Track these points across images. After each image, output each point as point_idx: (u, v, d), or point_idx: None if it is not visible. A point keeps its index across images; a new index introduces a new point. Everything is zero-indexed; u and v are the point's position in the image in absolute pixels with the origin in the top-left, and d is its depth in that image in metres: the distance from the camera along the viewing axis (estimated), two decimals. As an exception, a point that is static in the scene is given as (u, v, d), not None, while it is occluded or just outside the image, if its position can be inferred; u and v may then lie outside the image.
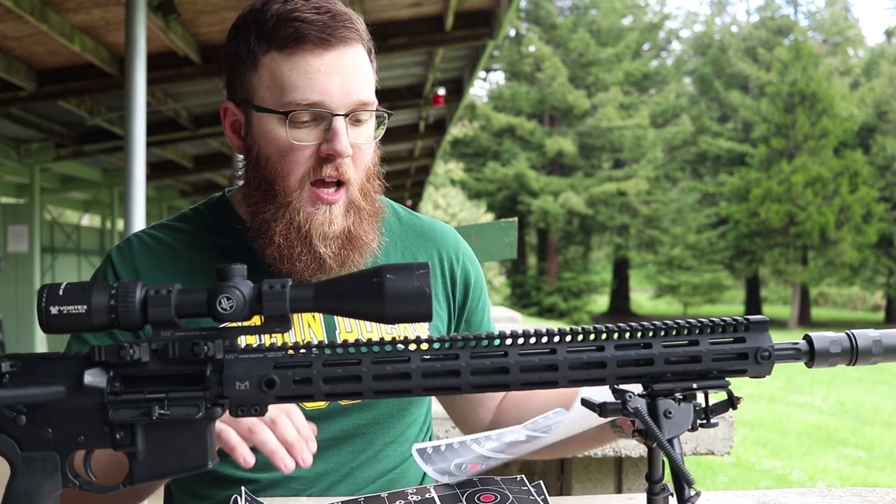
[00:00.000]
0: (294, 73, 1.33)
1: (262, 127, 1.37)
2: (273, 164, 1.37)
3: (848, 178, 31.40)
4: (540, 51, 35.34)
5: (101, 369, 0.99)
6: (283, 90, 1.33)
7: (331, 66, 1.33)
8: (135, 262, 1.45)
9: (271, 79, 1.35)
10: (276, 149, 1.36)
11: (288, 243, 1.37)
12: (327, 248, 1.37)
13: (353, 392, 0.99)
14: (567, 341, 1.01)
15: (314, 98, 1.32)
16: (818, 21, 40.58)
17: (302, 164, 1.35)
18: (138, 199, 4.87)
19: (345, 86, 1.34)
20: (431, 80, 10.18)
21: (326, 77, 1.33)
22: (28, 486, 1.00)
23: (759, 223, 32.20)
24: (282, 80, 1.33)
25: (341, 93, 1.33)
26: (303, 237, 1.37)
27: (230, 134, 1.45)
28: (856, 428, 9.97)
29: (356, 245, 1.40)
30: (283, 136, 1.34)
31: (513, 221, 3.02)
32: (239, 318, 0.96)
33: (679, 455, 1.00)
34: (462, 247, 1.64)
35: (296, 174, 1.36)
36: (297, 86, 1.33)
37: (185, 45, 6.71)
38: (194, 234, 1.49)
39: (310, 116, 1.34)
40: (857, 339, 1.05)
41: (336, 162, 1.35)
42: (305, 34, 1.32)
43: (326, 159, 1.35)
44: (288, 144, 1.34)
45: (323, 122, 1.35)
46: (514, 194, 36.02)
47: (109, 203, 14.81)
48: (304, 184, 1.36)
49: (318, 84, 1.32)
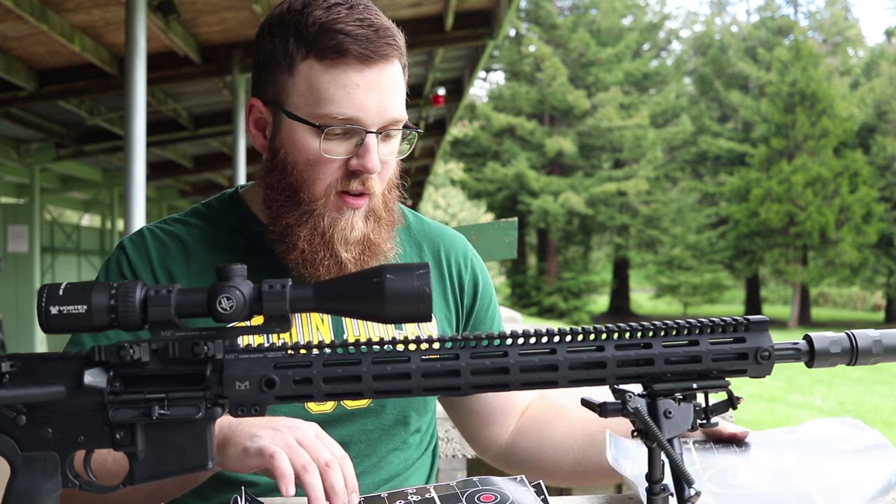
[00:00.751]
0: (333, 87, 1.31)
1: (293, 134, 1.36)
2: (300, 171, 1.36)
3: (848, 178, 31.40)
4: (540, 51, 35.34)
5: (101, 369, 0.99)
6: (319, 101, 1.32)
7: (370, 83, 1.32)
8: (149, 253, 1.44)
9: (308, 87, 1.33)
10: (304, 157, 1.35)
11: (312, 248, 1.36)
12: (349, 253, 1.37)
13: (353, 392, 0.99)
14: (567, 341, 1.01)
15: (350, 113, 1.31)
16: (818, 21, 40.58)
17: (330, 175, 1.35)
18: (138, 199, 4.87)
19: (381, 103, 1.33)
20: (431, 80, 10.18)
21: (365, 93, 1.31)
22: (28, 486, 1.00)
23: (759, 223, 32.20)
24: (319, 91, 1.32)
25: (378, 110, 1.33)
26: (326, 242, 1.36)
27: (254, 131, 1.43)
28: (856, 428, 9.96)
29: (374, 252, 1.39)
30: (315, 148, 1.33)
31: (513, 221, 3.02)
32: (239, 318, 0.96)
33: (679, 455, 1.00)
34: (471, 253, 1.63)
35: (322, 183, 1.35)
36: (334, 99, 1.31)
37: (185, 45, 6.71)
38: (207, 230, 1.48)
39: (342, 130, 1.33)
40: (857, 339, 1.05)
41: (363, 177, 1.35)
42: (348, 48, 1.30)
43: (355, 174, 1.35)
44: (318, 156, 1.34)
45: (355, 137, 1.34)
46: (514, 194, 36.01)
47: (109, 203, 14.81)
48: (329, 192, 1.36)
49: (356, 100, 1.31)
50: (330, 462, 1.15)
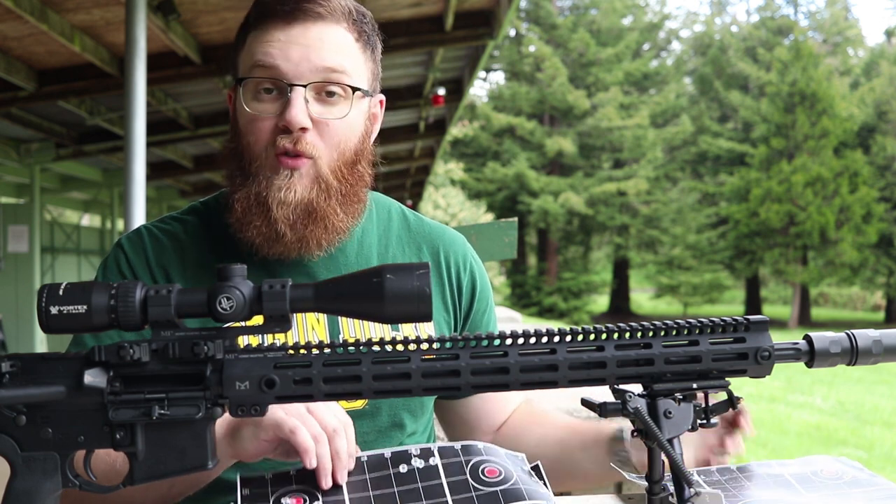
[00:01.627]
0: (257, 44, 1.36)
1: (237, 102, 1.41)
2: (242, 135, 1.39)
3: (848, 178, 31.39)
4: (540, 51, 35.34)
5: (101, 369, 0.99)
6: (249, 63, 1.37)
7: (292, 37, 1.34)
8: (146, 251, 1.45)
9: (248, 55, 1.38)
10: (243, 120, 1.39)
11: (248, 209, 1.37)
12: (282, 215, 1.35)
13: (353, 392, 0.99)
14: (567, 341, 1.01)
15: (269, 63, 1.34)
16: (818, 21, 40.57)
17: (265, 134, 1.36)
18: (138, 199, 4.87)
19: (306, 54, 1.34)
20: (431, 80, 10.18)
21: (286, 46, 1.34)
22: (28, 486, 1.00)
23: (759, 223, 32.20)
24: (250, 54, 1.37)
25: (299, 61, 1.34)
26: (261, 203, 1.36)
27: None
28: (856, 428, 9.97)
29: (316, 217, 1.37)
30: (245, 107, 1.37)
31: (513, 221, 3.02)
32: (239, 318, 0.96)
33: (679, 455, 1.00)
34: (470, 254, 1.62)
35: (259, 144, 1.37)
36: (257, 54, 1.35)
37: (185, 45, 6.71)
38: (203, 228, 1.49)
39: (271, 85, 1.36)
40: (857, 339, 1.05)
41: (294, 135, 1.35)
42: (273, 8, 1.36)
43: (284, 130, 1.35)
44: (249, 114, 1.37)
45: (283, 94, 1.36)
46: (514, 194, 36.01)
47: (109, 203, 14.81)
48: (267, 153, 1.37)
49: (276, 51, 1.34)
50: (337, 429, 1.18)
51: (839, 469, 1.31)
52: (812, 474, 1.30)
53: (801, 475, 1.30)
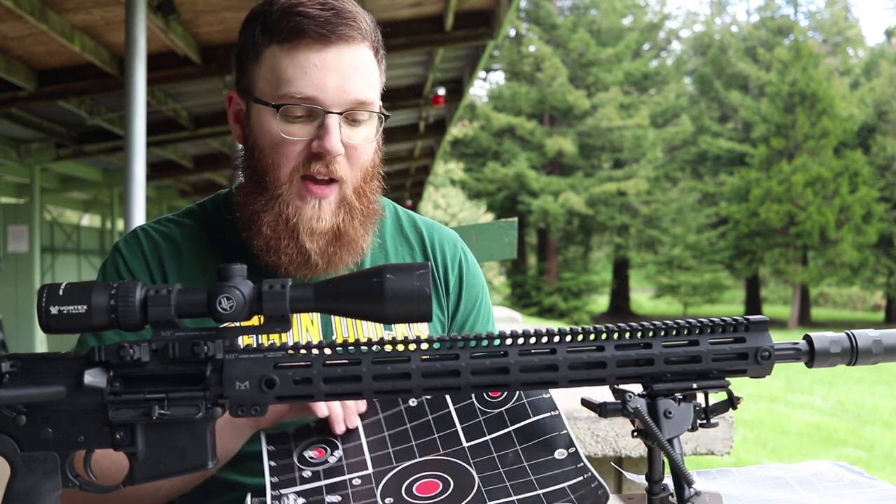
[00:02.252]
0: (291, 67, 1.32)
1: (259, 118, 1.37)
2: (265, 155, 1.37)
3: (848, 178, 31.38)
4: (540, 51, 35.32)
5: (101, 369, 0.99)
6: (279, 83, 1.33)
7: (329, 63, 1.32)
8: (144, 253, 1.45)
9: (270, 71, 1.34)
10: (268, 141, 1.36)
11: (275, 235, 1.36)
12: (314, 244, 1.36)
13: (353, 392, 0.99)
14: (567, 341, 1.01)
15: (308, 92, 1.32)
16: (818, 21, 40.57)
17: (293, 158, 1.35)
18: (138, 199, 4.87)
19: (342, 83, 1.33)
20: (431, 80, 10.18)
21: (323, 73, 1.32)
22: (28, 486, 1.00)
23: (759, 223, 32.19)
24: (279, 73, 1.33)
25: (337, 90, 1.32)
26: (290, 230, 1.36)
27: (233, 123, 1.45)
28: (856, 428, 9.96)
29: (344, 243, 1.38)
30: (276, 129, 1.34)
31: (513, 221, 3.02)
32: (239, 318, 0.96)
33: (679, 455, 1.00)
34: (461, 248, 1.62)
35: (286, 167, 1.35)
36: (292, 79, 1.32)
37: (185, 45, 6.71)
38: (199, 230, 1.49)
39: (304, 112, 1.33)
40: (857, 339, 1.05)
41: (326, 159, 1.34)
42: (305, 29, 1.31)
43: (317, 156, 1.34)
44: (279, 137, 1.34)
45: (317, 119, 1.34)
46: (514, 194, 36.00)
47: (109, 203, 14.81)
48: (294, 177, 1.36)
49: (313, 79, 1.32)
50: None
51: (839, 472, 1.31)
52: (812, 476, 1.30)
53: (802, 477, 1.30)
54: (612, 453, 2.17)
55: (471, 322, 1.60)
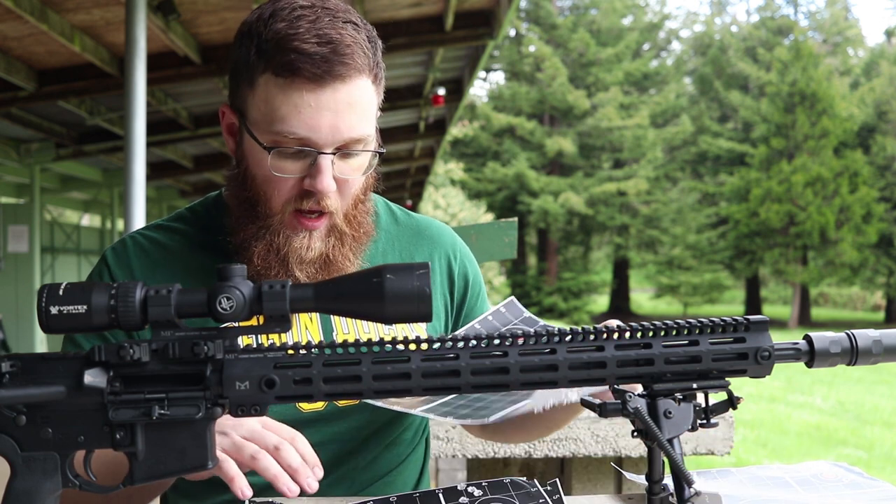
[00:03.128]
0: (285, 105, 1.29)
1: (251, 148, 1.35)
2: (258, 185, 1.36)
3: (848, 178, 31.38)
4: (540, 51, 35.32)
5: (101, 369, 0.99)
6: (272, 119, 1.30)
7: (323, 103, 1.29)
8: (130, 263, 1.44)
9: (264, 103, 1.32)
10: (262, 173, 1.35)
11: (266, 264, 1.36)
12: (303, 273, 1.36)
13: (353, 392, 0.99)
14: (567, 341, 1.01)
15: (302, 133, 1.29)
16: (818, 21, 40.56)
17: (285, 193, 1.34)
18: (138, 199, 4.87)
19: (335, 123, 1.30)
20: (431, 80, 10.19)
21: (317, 113, 1.29)
22: (28, 486, 1.00)
23: (759, 223, 32.18)
24: (272, 108, 1.30)
25: (330, 130, 1.30)
26: (281, 259, 1.36)
27: (226, 135, 1.43)
28: (856, 428, 9.97)
29: (333, 270, 1.38)
30: (267, 166, 1.32)
31: (513, 221, 3.02)
32: (239, 318, 0.96)
33: (679, 455, 1.00)
34: (459, 245, 1.63)
35: (277, 200, 1.35)
36: (286, 118, 1.29)
37: (185, 45, 6.71)
38: (190, 234, 1.48)
39: (294, 150, 1.32)
40: (857, 339, 1.05)
41: (317, 196, 1.34)
42: (300, 67, 1.27)
43: (308, 193, 1.33)
44: (271, 174, 1.33)
45: (309, 157, 1.32)
46: (514, 194, 36.00)
47: (109, 203, 14.82)
48: (286, 209, 1.35)
49: (307, 120, 1.29)
50: (279, 444, 1.18)
51: (839, 473, 1.32)
52: (812, 477, 1.30)
53: (802, 478, 1.30)
54: (612, 453, 2.17)
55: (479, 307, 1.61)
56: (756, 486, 1.27)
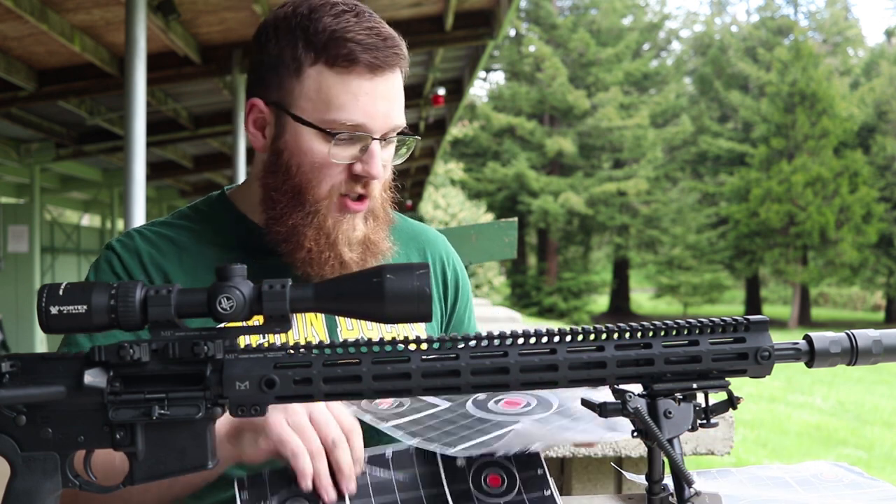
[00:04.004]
0: (343, 93, 1.34)
1: (299, 137, 1.37)
2: (305, 173, 1.38)
3: (848, 178, 31.39)
4: (540, 51, 35.34)
5: (101, 369, 0.99)
6: (328, 107, 1.34)
7: (378, 91, 1.35)
8: (139, 253, 1.44)
9: (316, 92, 1.35)
10: (309, 160, 1.37)
11: (319, 248, 1.39)
12: (353, 253, 1.40)
13: (354, 392, 0.99)
14: (567, 341, 1.01)
15: (359, 120, 1.34)
16: (818, 21, 40.57)
17: (334, 178, 1.38)
18: (138, 199, 4.87)
19: (388, 111, 1.37)
20: (431, 80, 10.19)
21: (373, 101, 1.35)
22: (28, 486, 1.00)
23: (759, 223, 32.20)
24: (329, 97, 1.34)
25: (384, 118, 1.36)
26: (331, 243, 1.39)
27: (253, 130, 1.44)
28: (856, 428, 9.97)
29: (374, 251, 1.43)
30: (321, 152, 1.36)
31: (513, 221, 3.02)
32: (239, 318, 0.96)
33: (679, 455, 1.00)
34: (451, 252, 1.67)
35: (326, 185, 1.38)
36: (345, 106, 1.34)
37: (185, 45, 6.71)
38: (197, 230, 1.48)
39: (349, 136, 1.36)
40: (857, 339, 1.05)
41: (365, 181, 1.38)
42: (359, 57, 1.33)
43: (357, 178, 1.38)
44: (325, 160, 1.36)
45: (360, 142, 1.36)
46: (514, 194, 36.01)
47: (109, 203, 14.82)
48: (333, 194, 1.38)
49: (365, 107, 1.34)
50: (338, 439, 1.18)
51: (839, 473, 1.32)
52: (812, 477, 1.30)
53: (802, 478, 1.30)
54: (612, 453, 2.18)
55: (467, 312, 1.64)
56: (756, 486, 1.27)
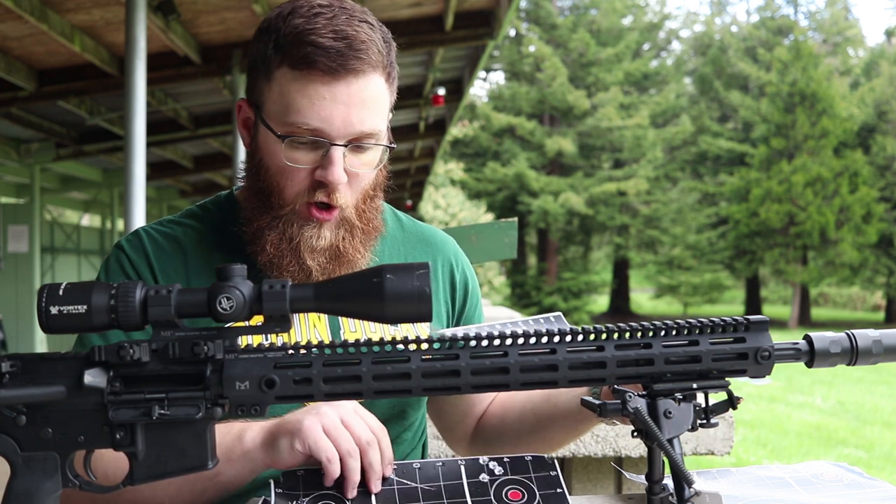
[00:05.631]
0: (299, 97, 1.33)
1: (265, 140, 1.39)
2: (271, 176, 1.39)
3: (848, 178, 31.37)
4: (540, 51, 35.31)
5: (101, 369, 0.99)
6: (287, 110, 1.34)
7: (336, 96, 1.33)
8: (147, 253, 1.45)
9: (279, 95, 1.35)
10: (274, 163, 1.38)
11: (279, 253, 1.39)
12: (314, 261, 1.39)
13: (354, 392, 0.99)
14: (567, 341, 1.01)
15: (315, 124, 1.33)
16: (818, 21, 40.56)
17: (298, 183, 1.37)
18: (138, 199, 4.87)
19: (348, 116, 1.34)
20: (431, 80, 10.19)
21: (330, 105, 1.33)
22: (28, 486, 1.00)
23: (759, 223, 32.18)
24: (287, 100, 1.34)
25: (343, 122, 1.34)
26: (293, 249, 1.39)
27: (242, 130, 1.46)
28: (856, 428, 9.96)
29: (343, 261, 1.41)
30: (280, 156, 1.36)
31: (513, 221, 3.02)
32: (239, 318, 0.96)
33: (679, 455, 1.00)
34: (461, 254, 1.66)
35: (290, 191, 1.38)
36: (300, 109, 1.33)
37: (185, 45, 6.71)
38: (203, 231, 1.49)
39: (308, 140, 1.35)
40: (857, 339, 1.05)
41: (329, 188, 1.36)
42: (316, 60, 1.31)
43: (320, 184, 1.36)
44: (284, 164, 1.36)
45: (321, 148, 1.35)
46: (514, 194, 35.99)
47: (109, 203, 14.82)
48: (297, 200, 1.38)
49: (320, 111, 1.33)
50: (370, 441, 1.19)
51: (839, 473, 1.32)
52: (812, 477, 1.30)
53: (802, 478, 1.30)
54: (612, 453, 2.18)
55: (478, 315, 1.63)
56: (756, 486, 1.27)
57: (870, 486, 1.26)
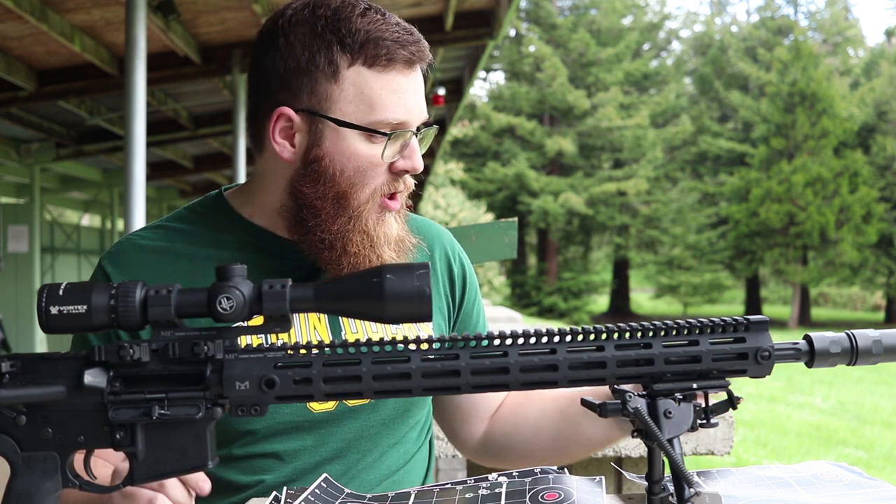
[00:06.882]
0: (385, 92, 1.33)
1: (340, 141, 1.35)
2: (349, 177, 1.35)
3: (848, 178, 31.38)
4: (540, 51, 35.32)
5: (101, 369, 0.99)
6: (373, 108, 1.33)
7: (415, 86, 1.37)
8: (130, 266, 1.42)
9: (358, 94, 1.33)
10: (353, 164, 1.35)
11: (364, 252, 1.38)
12: (391, 251, 1.40)
13: (353, 392, 0.99)
14: (567, 341, 1.01)
15: (402, 117, 1.35)
16: (818, 21, 40.56)
17: (377, 178, 1.37)
18: (138, 199, 4.87)
19: (421, 104, 1.39)
20: (431, 80, 10.18)
21: (412, 96, 1.36)
22: (28, 486, 1.00)
23: (759, 223, 32.19)
24: (371, 98, 1.33)
25: (419, 111, 1.38)
26: (373, 245, 1.39)
27: (280, 140, 1.37)
28: (856, 428, 9.97)
29: (405, 248, 1.43)
30: (368, 154, 1.34)
31: (513, 221, 3.02)
32: (239, 318, 0.96)
33: (679, 455, 1.00)
34: (457, 247, 1.65)
35: (370, 187, 1.36)
36: (388, 105, 1.33)
37: (185, 45, 6.71)
38: (193, 232, 1.46)
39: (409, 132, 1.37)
40: (857, 339, 1.05)
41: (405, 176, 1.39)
42: (398, 55, 1.34)
43: (398, 174, 1.38)
44: (372, 162, 1.35)
45: (400, 139, 1.36)
46: (514, 194, 36.00)
47: (109, 203, 14.82)
48: (375, 196, 1.38)
49: (406, 103, 1.35)
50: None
51: (839, 473, 1.31)
52: (812, 477, 1.30)
53: (802, 478, 1.30)
54: (612, 453, 2.18)
55: (476, 307, 1.63)
56: (756, 486, 1.27)
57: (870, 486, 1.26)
